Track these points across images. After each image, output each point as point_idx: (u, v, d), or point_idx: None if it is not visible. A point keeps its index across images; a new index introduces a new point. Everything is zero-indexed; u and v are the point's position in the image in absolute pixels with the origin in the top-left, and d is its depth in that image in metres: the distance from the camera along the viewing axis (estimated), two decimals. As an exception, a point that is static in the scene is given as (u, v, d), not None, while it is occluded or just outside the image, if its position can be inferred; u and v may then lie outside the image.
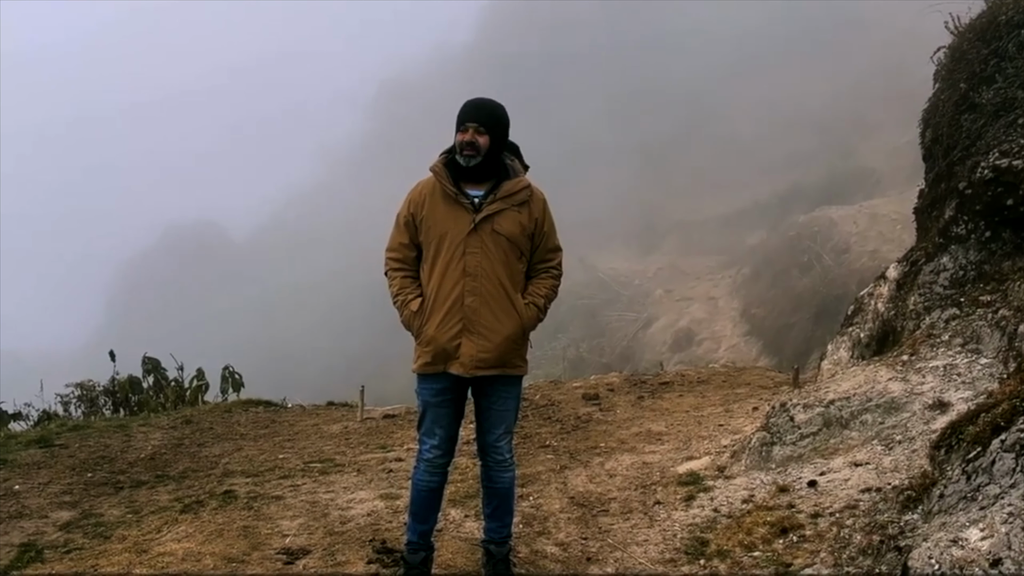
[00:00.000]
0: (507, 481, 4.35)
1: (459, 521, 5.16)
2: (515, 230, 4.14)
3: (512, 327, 4.12)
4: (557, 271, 4.36)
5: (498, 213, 4.12)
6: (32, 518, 5.90)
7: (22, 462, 7.34)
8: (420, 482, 4.32)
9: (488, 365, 4.11)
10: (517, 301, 4.15)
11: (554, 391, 8.62)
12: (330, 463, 6.76)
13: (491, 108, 4.18)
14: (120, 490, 6.50)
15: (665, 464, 5.99)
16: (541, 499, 5.50)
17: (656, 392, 8.42)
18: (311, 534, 5.02)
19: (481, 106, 4.16)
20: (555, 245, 4.35)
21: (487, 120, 4.13)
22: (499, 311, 4.10)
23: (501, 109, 4.21)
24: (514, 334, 4.14)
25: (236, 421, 8.79)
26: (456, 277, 4.08)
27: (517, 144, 4.36)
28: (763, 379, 9.15)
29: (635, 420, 7.32)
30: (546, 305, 4.27)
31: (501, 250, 4.11)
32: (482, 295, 4.08)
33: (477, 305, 4.08)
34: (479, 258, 4.08)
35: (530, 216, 4.19)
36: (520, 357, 4.23)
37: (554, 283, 4.33)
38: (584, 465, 6.15)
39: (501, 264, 4.12)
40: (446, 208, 4.13)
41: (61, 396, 11.10)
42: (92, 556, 4.94)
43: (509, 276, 4.14)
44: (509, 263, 4.14)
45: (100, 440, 8.07)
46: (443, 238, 4.11)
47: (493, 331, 4.09)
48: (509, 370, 4.18)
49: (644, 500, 5.37)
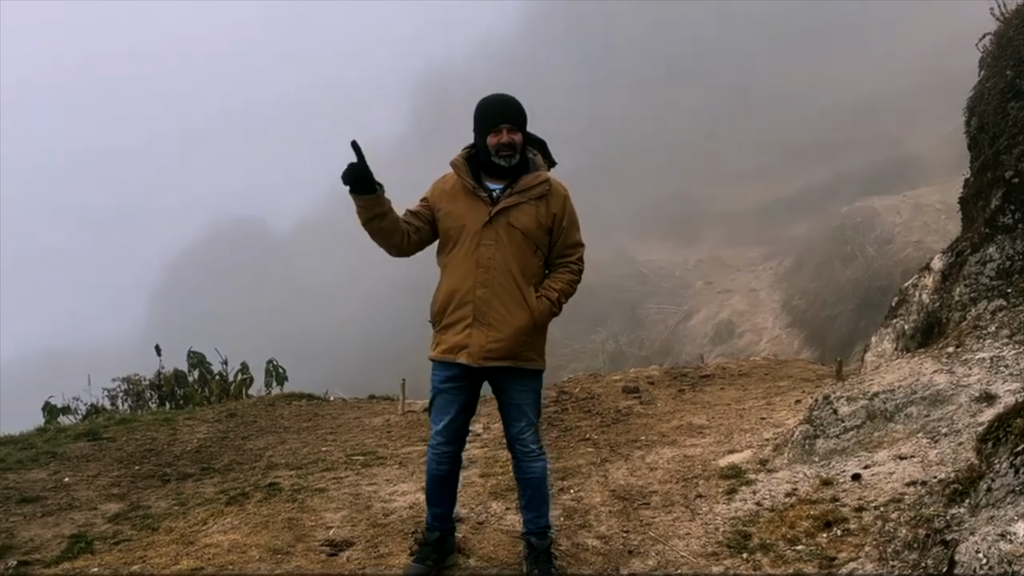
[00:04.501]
0: (538, 471, 4.36)
1: (500, 514, 5.18)
2: (531, 224, 4.16)
3: (523, 319, 4.14)
4: (576, 266, 4.33)
5: (515, 206, 4.15)
6: (82, 510, 6.03)
7: (71, 455, 7.50)
8: (430, 469, 4.45)
9: (498, 356, 4.14)
10: (529, 294, 4.16)
11: (594, 384, 8.60)
12: (372, 456, 6.81)
13: (517, 105, 4.21)
14: (167, 482, 6.61)
15: (707, 457, 5.96)
16: (582, 492, 5.51)
17: (697, 385, 8.37)
18: (354, 526, 5.07)
19: (508, 105, 4.19)
20: (575, 241, 4.33)
21: (517, 118, 4.18)
22: (511, 303, 4.13)
23: (521, 105, 4.24)
24: (525, 326, 4.15)
25: (279, 414, 8.89)
26: (469, 268, 4.14)
27: (544, 140, 4.39)
28: (805, 372, 9.07)
29: (676, 413, 7.29)
30: (560, 300, 4.25)
31: (515, 243, 4.15)
32: (493, 287, 4.12)
33: (488, 297, 4.12)
34: (492, 250, 4.13)
35: (548, 210, 4.20)
36: (534, 351, 4.24)
37: (571, 278, 4.30)
38: (625, 458, 6.14)
39: (515, 257, 4.15)
40: (465, 201, 4.19)
41: (108, 390, 11.31)
42: (140, 547, 5.04)
43: (522, 269, 4.16)
44: (523, 256, 4.17)
45: (147, 433, 8.21)
46: (460, 230, 4.17)
47: (504, 323, 4.12)
48: (521, 363, 4.19)
49: (686, 493, 5.36)
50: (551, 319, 4.26)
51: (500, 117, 4.13)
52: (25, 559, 5.03)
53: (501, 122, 4.12)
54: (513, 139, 4.13)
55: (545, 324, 4.25)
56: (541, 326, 4.23)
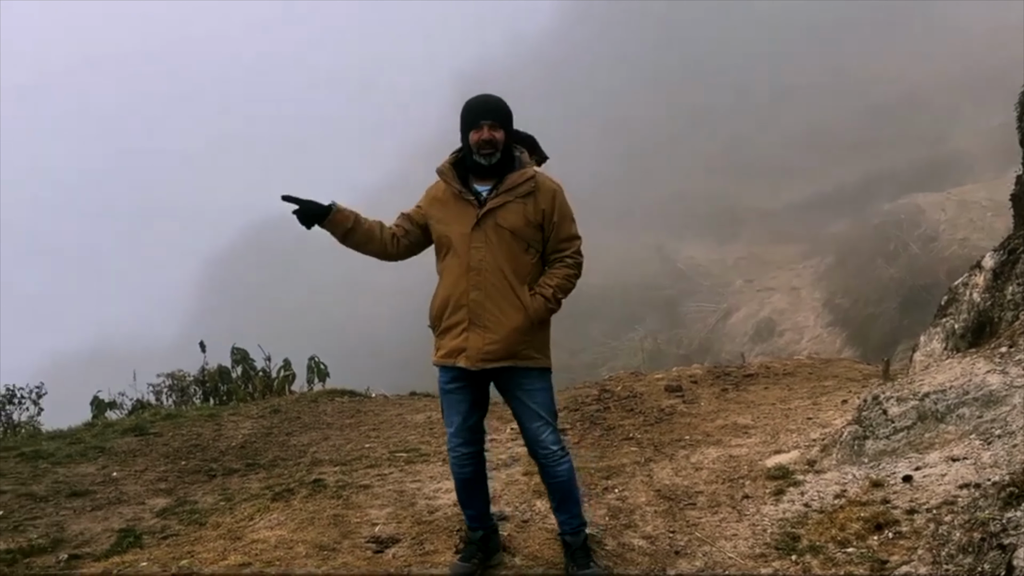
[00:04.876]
0: (563, 473, 4.32)
1: (544, 512, 5.16)
2: (518, 222, 4.14)
3: (518, 319, 4.12)
4: (572, 260, 4.26)
5: (501, 207, 4.14)
6: (130, 504, 6.11)
7: (119, 450, 7.60)
8: (454, 472, 4.45)
9: (496, 357, 4.12)
10: (523, 293, 4.14)
11: (635, 383, 8.55)
12: (415, 453, 6.83)
13: (500, 103, 4.20)
14: (213, 478, 6.68)
15: (753, 457, 5.90)
16: (626, 492, 5.48)
17: (741, 384, 8.29)
18: (399, 523, 5.08)
19: (490, 102, 4.19)
20: (569, 235, 4.27)
21: (499, 115, 4.16)
22: (504, 304, 4.11)
23: (504, 102, 4.22)
24: (520, 326, 4.12)
25: (322, 411, 8.95)
26: (462, 273, 4.15)
27: (533, 135, 4.37)
28: (851, 371, 8.94)
29: (720, 412, 7.22)
30: (555, 295, 4.19)
31: (505, 243, 4.13)
32: (486, 289, 4.12)
33: (482, 299, 4.12)
34: (483, 252, 4.13)
35: (536, 207, 4.16)
36: (534, 349, 4.19)
37: (567, 272, 4.24)
38: (669, 458, 6.10)
39: (505, 257, 4.13)
40: (454, 207, 4.21)
41: (153, 386, 11.46)
42: (188, 542, 5.09)
43: (514, 269, 4.14)
44: (514, 256, 4.15)
45: (192, 429, 8.31)
46: (451, 236, 4.19)
47: (499, 324, 4.11)
48: (521, 362, 4.16)
49: (732, 494, 5.31)
50: (549, 315, 4.22)
51: (481, 114, 4.13)
52: (76, 552, 5.10)
53: (481, 119, 4.12)
54: (494, 136, 4.11)
55: (544, 321, 4.21)
56: (539, 323, 4.19)
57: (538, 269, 4.24)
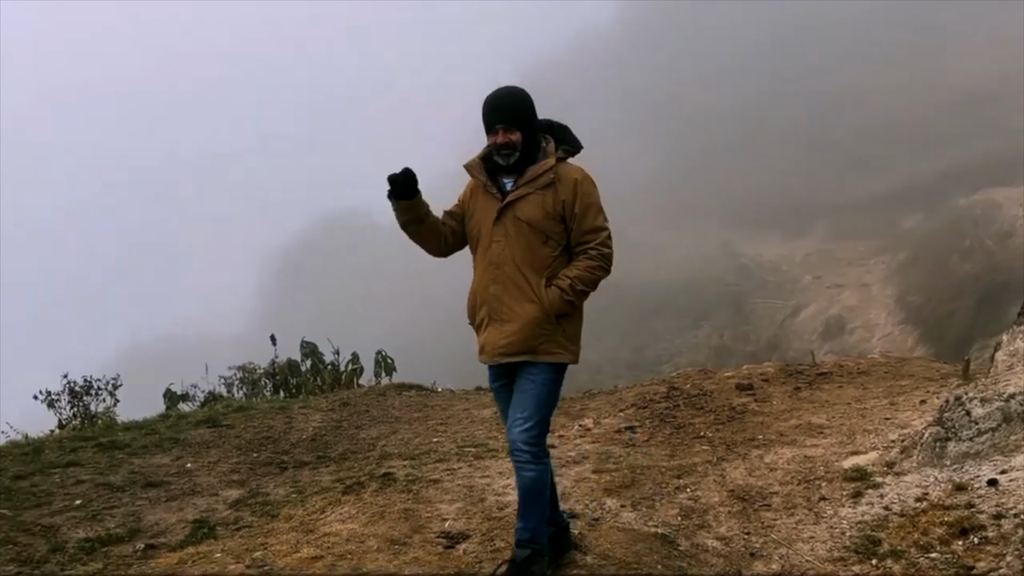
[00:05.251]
0: (527, 480, 4.10)
1: (615, 511, 5.11)
2: (536, 214, 4.06)
3: (532, 312, 4.03)
4: (596, 251, 4.08)
5: (521, 199, 4.08)
6: (204, 495, 6.20)
7: (193, 441, 7.73)
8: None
9: (512, 352, 4.06)
10: (539, 286, 4.05)
11: (705, 380, 8.42)
12: (483, 448, 6.82)
13: (510, 102, 4.11)
14: (284, 470, 6.75)
15: (829, 458, 5.76)
16: (699, 491, 5.39)
17: (814, 383, 8.11)
18: (469, 518, 5.06)
19: (500, 105, 4.09)
20: (593, 226, 4.11)
21: (510, 117, 4.07)
22: (520, 297, 4.05)
23: (519, 98, 4.11)
24: (536, 319, 4.03)
25: (391, 404, 9.00)
26: (485, 267, 4.14)
27: (565, 125, 4.28)
28: (928, 370, 8.69)
29: (793, 412, 7.08)
30: (574, 286, 4.02)
31: (523, 236, 4.06)
32: (504, 283, 4.07)
33: (500, 293, 4.08)
34: (502, 246, 4.08)
35: (556, 198, 4.06)
36: (555, 343, 4.07)
37: (589, 264, 4.07)
38: (742, 457, 5.99)
39: (523, 250, 4.07)
40: (482, 200, 4.18)
41: (224, 378, 11.66)
42: (261, 534, 5.14)
43: (531, 262, 4.06)
44: (532, 249, 4.07)
45: (264, 421, 8.42)
46: (479, 230, 4.17)
47: (515, 317, 4.04)
48: (542, 357, 4.06)
49: (808, 495, 5.18)
50: (567, 308, 4.05)
51: (493, 118, 4.07)
52: (151, 542, 5.19)
53: (496, 123, 4.06)
54: (509, 139, 4.05)
55: (563, 313, 4.06)
56: (557, 316, 4.05)
57: (562, 262, 4.11)
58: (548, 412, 4.15)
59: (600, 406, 7.96)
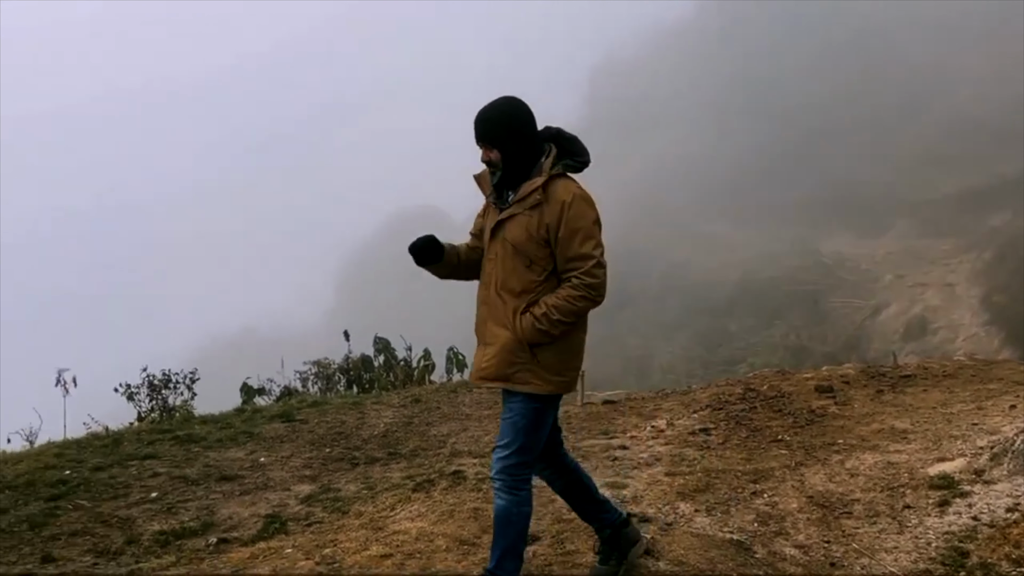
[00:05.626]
0: (497, 509, 3.90)
1: (689, 515, 4.98)
2: (520, 236, 3.77)
3: (506, 338, 3.80)
4: (578, 280, 3.72)
5: (511, 218, 3.83)
6: (276, 490, 6.24)
7: (267, 435, 7.81)
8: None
9: (488, 377, 3.88)
10: (516, 311, 3.80)
11: (782, 382, 8.20)
12: (554, 448, 6.73)
13: (485, 119, 3.83)
14: (356, 466, 6.76)
15: (913, 465, 5.54)
16: (776, 497, 5.22)
17: (897, 386, 7.84)
18: (539, 520, 4.98)
19: (477, 121, 3.85)
20: (577, 254, 3.73)
21: (486, 135, 3.83)
22: (500, 320, 3.84)
23: (497, 114, 3.83)
24: (509, 344, 3.78)
25: (461, 401, 8.97)
26: (479, 285, 3.99)
27: (573, 136, 3.95)
28: (1017, 374, 8.34)
29: (875, 415, 6.84)
30: (549, 315, 3.70)
31: (509, 258, 3.83)
32: (489, 304, 3.89)
33: (485, 315, 3.92)
34: (491, 265, 3.89)
35: (540, 221, 3.74)
36: (530, 372, 3.79)
37: (569, 293, 3.71)
38: (822, 463, 5.79)
39: (507, 273, 3.82)
40: (491, 215, 3.98)
41: (300, 373, 11.78)
42: (331, 530, 5.14)
43: (513, 286, 3.81)
44: (516, 272, 3.80)
45: (336, 416, 8.46)
46: (485, 246, 4.00)
47: (495, 340, 3.85)
48: (515, 385, 3.83)
49: (891, 503, 4.98)
50: (540, 338, 3.74)
51: (475, 135, 3.87)
52: (224, 536, 5.23)
53: (476, 139, 3.87)
54: (490, 157, 3.85)
55: (538, 343, 3.75)
56: (531, 344, 3.76)
57: (549, 288, 3.79)
58: (528, 441, 3.88)
59: (673, 407, 7.81)
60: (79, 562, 4.98)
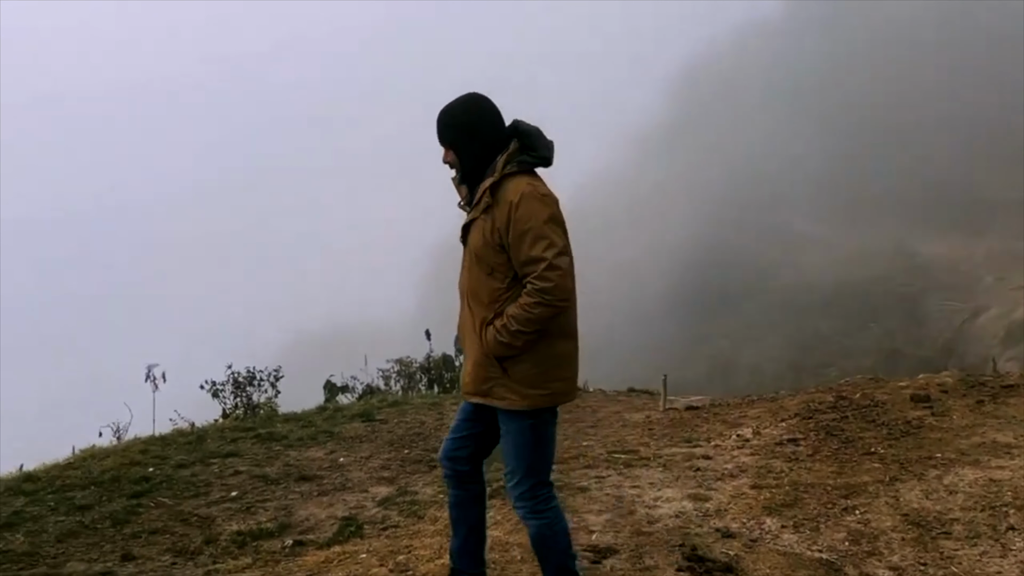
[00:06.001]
0: (531, 533, 3.76)
1: (775, 532, 4.76)
2: (478, 242, 3.59)
3: (477, 351, 3.62)
4: (530, 286, 3.47)
5: (472, 223, 3.64)
6: (354, 491, 6.22)
7: (347, 435, 7.82)
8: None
9: (470, 391, 3.71)
10: (483, 323, 3.60)
11: (876, 390, 7.86)
12: (634, 455, 6.56)
13: (440, 120, 3.67)
14: (433, 468, 6.69)
15: (1017, 483, 5.21)
16: (869, 514, 4.96)
17: (999, 396, 7.43)
18: (617, 532, 4.83)
19: (437, 120, 3.68)
20: (527, 257, 3.47)
21: (441, 135, 3.68)
22: (472, 333, 3.65)
23: (449, 113, 3.67)
24: (479, 359, 3.62)
25: (540, 404, 8.84)
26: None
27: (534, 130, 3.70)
28: None
29: (975, 428, 6.48)
30: (508, 327, 3.48)
31: (473, 265, 3.64)
32: (463, 315, 3.72)
33: (462, 325, 3.74)
34: (463, 274, 3.71)
35: (493, 224, 3.53)
36: (504, 387, 3.59)
37: (526, 300, 3.47)
38: (918, 478, 5.49)
39: (475, 281, 3.64)
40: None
41: (382, 371, 11.84)
42: (407, 536, 5.08)
43: (479, 296, 3.62)
44: (480, 280, 3.61)
45: (416, 417, 8.44)
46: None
47: (471, 353, 3.68)
48: (495, 401, 3.64)
49: (994, 524, 4.69)
50: (504, 350, 3.53)
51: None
52: (300, 539, 5.22)
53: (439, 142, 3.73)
54: (447, 159, 3.71)
55: (505, 356, 3.55)
56: (498, 359, 3.57)
57: (515, 296, 3.54)
58: (533, 461, 3.68)
59: (760, 414, 7.55)
60: (158, 561, 5.02)
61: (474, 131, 3.63)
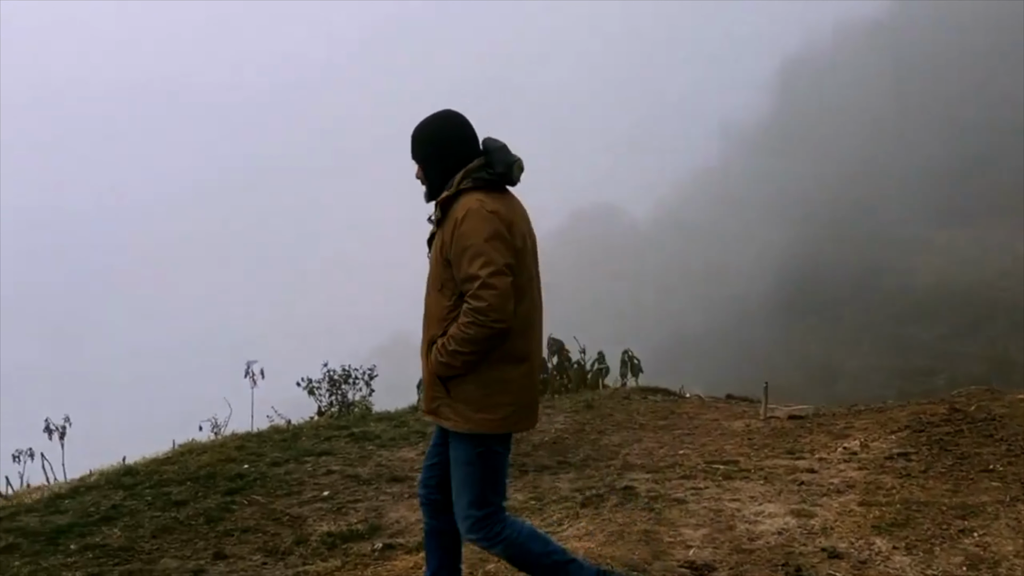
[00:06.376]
0: (500, 554, 3.70)
1: (886, 553, 4.48)
2: (433, 258, 3.60)
3: (425, 369, 3.57)
4: (466, 305, 3.39)
5: (432, 239, 3.63)
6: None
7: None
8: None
9: (423, 409, 3.70)
10: (432, 340, 3.53)
11: (993, 402, 7.42)
12: (733, 466, 6.32)
13: (412, 137, 3.68)
14: (525, 473, 6.58)
15: None
16: (988, 537, 4.63)
17: None
18: (716, 548, 4.63)
19: (410, 138, 3.67)
20: (464, 275, 3.40)
21: (412, 151, 3.69)
22: (425, 349, 3.58)
23: (418, 129, 3.65)
24: (428, 377, 3.59)
25: (635, 409, 8.66)
26: None
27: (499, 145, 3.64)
28: None
29: (1105, 446, 6.05)
30: (446, 346, 3.42)
31: (430, 281, 3.62)
32: (423, 332, 3.63)
33: (422, 343, 3.63)
34: (426, 291, 3.65)
35: (442, 240, 3.50)
36: (448, 408, 3.51)
37: (461, 320, 3.39)
38: (1042, 499, 5.13)
39: (428, 297, 3.63)
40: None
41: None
42: (497, 543, 4.96)
43: (433, 312, 3.58)
44: (433, 296, 3.60)
45: (507, 420, 8.32)
46: None
47: (423, 370, 3.63)
48: (442, 421, 3.58)
49: None
50: (443, 370, 3.46)
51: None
52: (390, 542, 5.15)
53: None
54: (417, 175, 3.71)
55: (448, 376, 3.48)
56: (440, 378, 3.51)
57: (460, 314, 3.46)
58: (481, 490, 3.58)
59: (868, 425, 7.20)
60: (249, 560, 5.03)
61: (443, 148, 3.62)
